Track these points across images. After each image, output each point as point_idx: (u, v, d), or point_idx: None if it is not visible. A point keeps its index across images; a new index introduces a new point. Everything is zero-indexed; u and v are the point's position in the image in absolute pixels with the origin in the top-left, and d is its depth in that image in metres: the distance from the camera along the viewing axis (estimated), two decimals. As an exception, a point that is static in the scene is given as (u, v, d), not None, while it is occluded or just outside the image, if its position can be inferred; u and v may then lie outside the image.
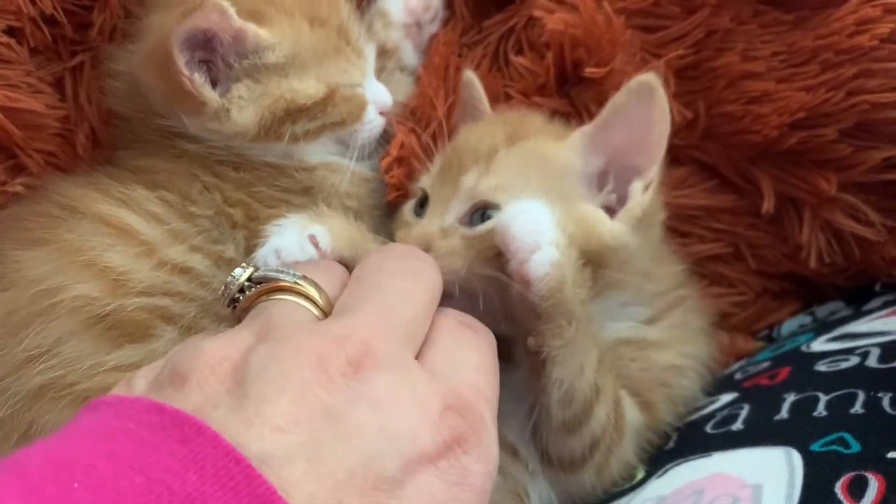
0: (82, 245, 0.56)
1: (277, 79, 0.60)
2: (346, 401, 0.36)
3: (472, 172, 0.57)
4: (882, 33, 0.63)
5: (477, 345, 0.45)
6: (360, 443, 0.35)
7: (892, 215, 0.67)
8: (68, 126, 0.69)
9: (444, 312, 0.46)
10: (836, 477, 0.46)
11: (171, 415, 0.35)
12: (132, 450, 0.33)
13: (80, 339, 0.53)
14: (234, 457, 0.33)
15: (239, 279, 0.46)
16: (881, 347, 0.58)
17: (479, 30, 0.76)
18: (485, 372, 0.43)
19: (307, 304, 0.44)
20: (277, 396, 0.35)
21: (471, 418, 0.39)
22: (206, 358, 0.38)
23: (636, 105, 0.55)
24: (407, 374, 0.39)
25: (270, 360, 0.37)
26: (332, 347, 0.38)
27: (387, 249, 0.49)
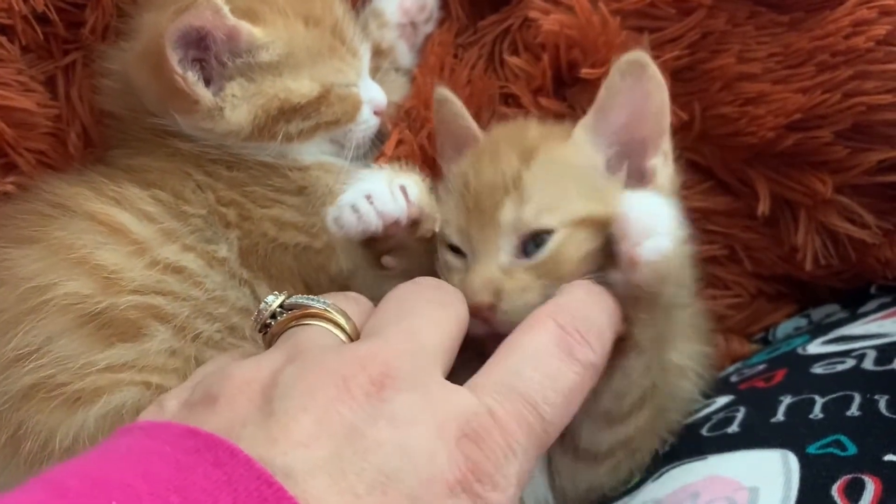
0: (73, 243, 0.55)
1: (271, 78, 0.60)
2: (366, 418, 0.37)
3: (508, 205, 0.54)
4: (878, 35, 0.62)
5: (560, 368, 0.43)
6: (378, 459, 0.36)
7: (888, 217, 0.67)
8: (60, 125, 0.68)
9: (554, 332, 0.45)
10: (832, 479, 0.46)
11: (204, 438, 0.36)
12: (168, 471, 0.34)
13: (71, 337, 0.53)
14: (266, 479, 0.34)
15: (271, 305, 0.48)
16: (877, 350, 0.58)
17: (474, 30, 0.76)
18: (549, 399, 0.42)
19: (335, 330, 0.45)
20: (301, 414, 0.37)
21: (488, 447, 0.39)
22: (236, 379, 0.40)
23: (631, 83, 0.55)
24: (428, 396, 0.40)
25: (296, 380, 0.39)
26: (355, 367, 0.39)
27: (417, 281, 0.49)
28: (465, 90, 0.72)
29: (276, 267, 0.61)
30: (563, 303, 0.47)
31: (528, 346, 0.44)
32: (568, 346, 0.44)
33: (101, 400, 0.52)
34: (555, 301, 0.48)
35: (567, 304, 0.47)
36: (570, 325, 0.45)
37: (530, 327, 0.45)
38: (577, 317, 0.46)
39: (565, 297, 0.48)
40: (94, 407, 0.52)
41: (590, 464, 0.56)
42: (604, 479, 0.57)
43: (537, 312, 0.46)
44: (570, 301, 0.48)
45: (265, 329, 0.48)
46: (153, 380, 0.54)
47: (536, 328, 0.45)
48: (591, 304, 0.48)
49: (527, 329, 0.45)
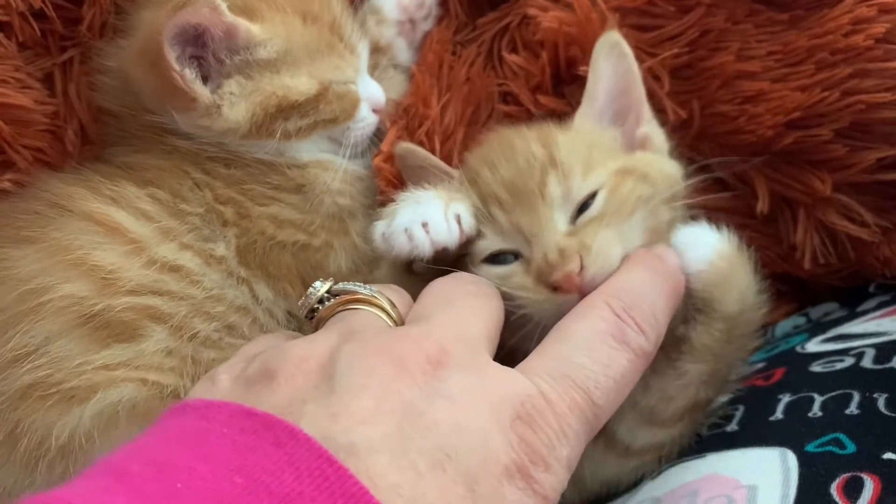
0: (70, 244, 0.55)
1: (269, 75, 0.60)
2: (424, 396, 0.38)
3: (552, 181, 0.54)
4: (877, 33, 0.62)
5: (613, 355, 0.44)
6: (437, 437, 0.37)
7: (887, 216, 0.67)
8: (57, 122, 0.68)
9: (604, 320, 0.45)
10: (831, 478, 0.46)
11: (262, 419, 0.36)
12: (228, 453, 0.35)
13: (68, 338, 0.53)
14: (327, 458, 0.34)
15: (319, 291, 0.48)
16: (876, 348, 0.58)
17: (473, 28, 0.76)
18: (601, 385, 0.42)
19: (382, 315, 0.46)
20: (361, 391, 0.37)
21: (541, 430, 0.39)
22: (293, 356, 0.40)
23: (614, 63, 0.59)
24: (482, 377, 0.40)
25: (354, 358, 0.39)
26: (412, 346, 0.40)
27: (455, 275, 0.50)
28: (463, 88, 0.72)
29: (275, 265, 0.61)
30: (619, 285, 0.47)
31: (582, 332, 0.44)
32: (621, 333, 0.44)
33: (96, 396, 0.52)
34: (611, 283, 0.48)
35: (623, 287, 0.47)
36: (624, 311, 0.45)
37: (584, 312, 0.45)
38: (632, 301, 0.46)
39: (622, 278, 0.48)
40: (90, 403, 0.52)
41: (619, 456, 0.56)
42: (626, 475, 0.57)
43: (592, 296, 0.46)
44: (627, 283, 0.47)
45: (312, 314, 0.48)
46: (150, 377, 0.54)
47: (591, 313, 0.45)
48: (649, 286, 0.48)
49: (581, 314, 0.45)
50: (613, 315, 0.45)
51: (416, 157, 0.64)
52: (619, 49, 0.59)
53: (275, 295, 0.61)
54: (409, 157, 0.65)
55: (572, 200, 0.54)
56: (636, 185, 0.55)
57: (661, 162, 0.59)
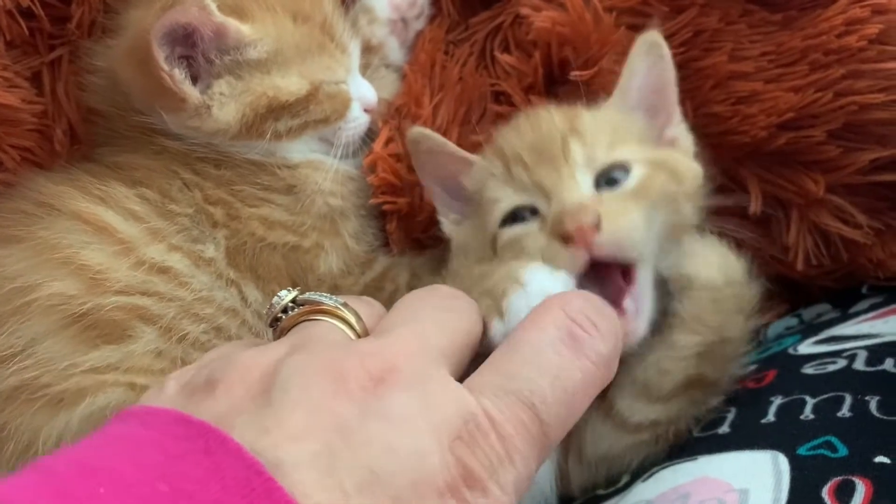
0: (58, 242, 0.55)
1: (259, 75, 0.60)
2: (359, 414, 0.37)
3: (575, 146, 0.55)
4: (870, 34, 0.62)
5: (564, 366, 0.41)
6: (369, 457, 0.35)
7: (880, 217, 0.67)
8: (46, 121, 0.68)
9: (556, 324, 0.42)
10: (823, 481, 0.45)
11: (196, 426, 0.36)
12: (157, 458, 0.34)
13: (56, 339, 0.53)
14: (255, 469, 0.33)
15: (284, 300, 0.47)
16: (868, 350, 0.57)
17: (465, 27, 0.75)
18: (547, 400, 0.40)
19: (345, 328, 0.44)
20: (295, 407, 0.36)
21: (482, 452, 0.37)
22: (237, 366, 0.40)
23: (651, 62, 0.60)
24: (426, 395, 0.38)
25: (295, 372, 0.38)
26: (355, 362, 0.38)
27: (431, 287, 0.48)
28: (456, 87, 0.72)
29: (264, 267, 0.61)
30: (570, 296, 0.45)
31: (531, 342, 0.41)
32: (575, 340, 0.41)
33: (84, 401, 0.52)
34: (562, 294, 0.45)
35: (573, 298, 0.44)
36: (580, 314, 0.42)
37: (536, 320, 0.42)
38: (589, 303, 0.43)
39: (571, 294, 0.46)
40: (78, 408, 0.52)
41: (617, 429, 0.56)
42: (624, 453, 0.57)
43: (547, 301, 0.44)
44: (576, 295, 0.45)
45: (275, 323, 0.47)
46: (138, 381, 0.54)
47: (543, 320, 0.42)
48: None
49: (533, 322, 0.42)
50: (567, 319, 0.42)
51: (431, 142, 0.63)
52: (658, 49, 0.60)
53: (264, 297, 0.60)
54: (423, 141, 0.63)
55: (595, 166, 0.54)
56: (668, 179, 0.55)
57: (686, 162, 0.60)
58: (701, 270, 0.54)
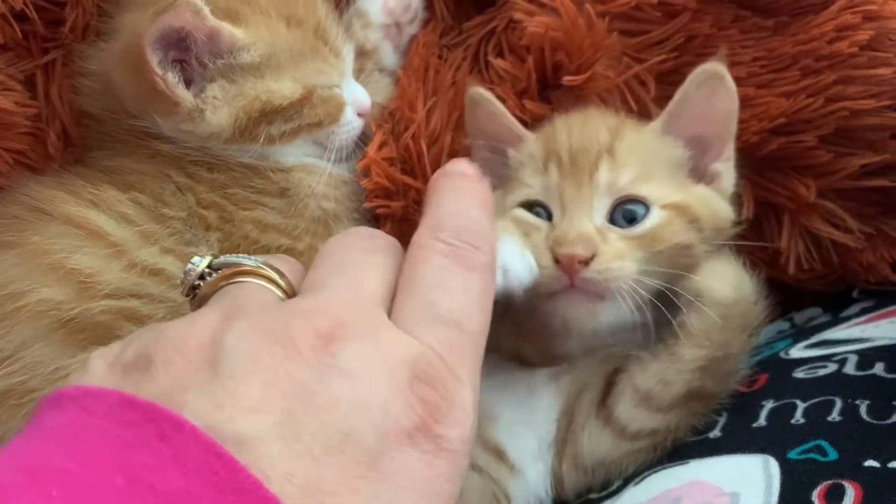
0: (49, 248, 0.55)
1: (253, 79, 0.60)
2: (317, 375, 0.35)
3: (603, 168, 0.57)
4: (861, 40, 0.62)
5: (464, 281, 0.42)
6: (333, 417, 0.34)
7: (871, 222, 0.67)
8: (39, 125, 0.68)
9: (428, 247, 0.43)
10: (813, 485, 0.45)
11: (144, 409, 0.33)
12: (109, 450, 0.32)
13: (44, 343, 0.52)
14: (215, 451, 0.32)
15: (199, 266, 0.44)
16: (858, 354, 0.58)
17: (459, 31, 0.76)
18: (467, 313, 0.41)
19: (271, 287, 0.43)
20: (248, 376, 0.35)
21: (440, 384, 0.37)
22: (171, 339, 0.37)
23: (706, 93, 0.59)
24: (377, 343, 0.38)
25: (238, 339, 0.36)
26: (300, 323, 0.37)
27: (350, 231, 0.47)
28: (449, 91, 0.72)
29: (257, 270, 0.61)
30: (436, 219, 0.44)
31: (428, 272, 0.42)
32: (462, 259, 0.42)
33: None
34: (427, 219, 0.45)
35: (440, 218, 0.44)
36: (455, 239, 0.43)
37: (421, 254, 0.43)
38: (457, 227, 0.44)
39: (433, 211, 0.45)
40: None
41: (616, 436, 0.57)
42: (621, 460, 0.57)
43: (418, 237, 0.44)
44: (441, 212, 0.45)
45: (193, 292, 0.45)
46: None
47: (427, 253, 0.43)
48: (457, 205, 0.45)
49: (419, 257, 0.43)
50: (447, 247, 0.42)
51: (491, 107, 0.63)
52: (720, 82, 0.59)
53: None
54: (482, 104, 0.63)
55: (615, 194, 0.56)
56: (684, 229, 0.56)
57: (718, 203, 0.60)
58: (714, 286, 0.55)
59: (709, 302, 0.55)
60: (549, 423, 0.58)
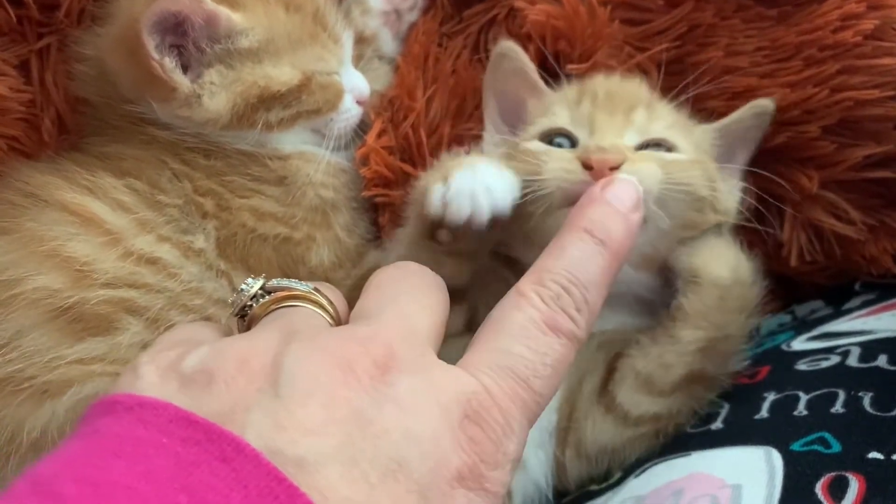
0: (45, 234, 0.54)
1: (251, 65, 0.59)
2: (373, 403, 0.36)
3: (641, 111, 0.58)
4: (866, 30, 0.62)
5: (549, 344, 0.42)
6: (388, 446, 0.35)
7: (873, 213, 0.67)
8: (34, 111, 0.66)
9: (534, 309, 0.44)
10: (816, 477, 0.45)
11: (205, 428, 0.34)
12: (169, 468, 0.32)
13: (41, 331, 0.52)
14: (276, 476, 0.32)
15: (252, 288, 0.45)
16: (861, 346, 0.57)
17: (459, 19, 0.75)
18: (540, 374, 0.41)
19: (322, 313, 0.44)
20: (308, 399, 0.35)
21: (489, 427, 0.38)
22: (232, 356, 0.38)
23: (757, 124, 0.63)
24: (430, 378, 0.39)
25: (299, 361, 0.37)
26: (358, 349, 0.38)
27: (399, 265, 0.48)
28: (449, 80, 0.71)
29: (255, 258, 0.60)
30: (550, 266, 0.45)
31: (516, 322, 0.42)
32: (553, 322, 0.43)
33: (70, 390, 0.51)
34: (540, 267, 0.45)
35: (553, 271, 0.45)
36: (552, 301, 0.44)
37: (516, 302, 0.44)
38: (562, 289, 0.44)
39: (554, 255, 0.46)
40: (64, 397, 0.51)
41: (618, 423, 0.57)
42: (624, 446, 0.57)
43: (523, 283, 0.44)
44: (558, 263, 0.45)
45: (244, 311, 0.46)
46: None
47: (522, 303, 0.43)
48: (582, 263, 0.45)
49: (513, 304, 0.44)
50: (544, 305, 0.43)
51: (518, 63, 0.65)
52: (765, 120, 0.63)
53: (255, 288, 0.60)
54: (510, 57, 0.65)
55: (646, 135, 0.58)
56: (703, 177, 0.57)
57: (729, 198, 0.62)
58: (711, 266, 0.56)
59: (706, 282, 0.55)
60: (549, 412, 0.58)
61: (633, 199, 0.50)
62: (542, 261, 0.46)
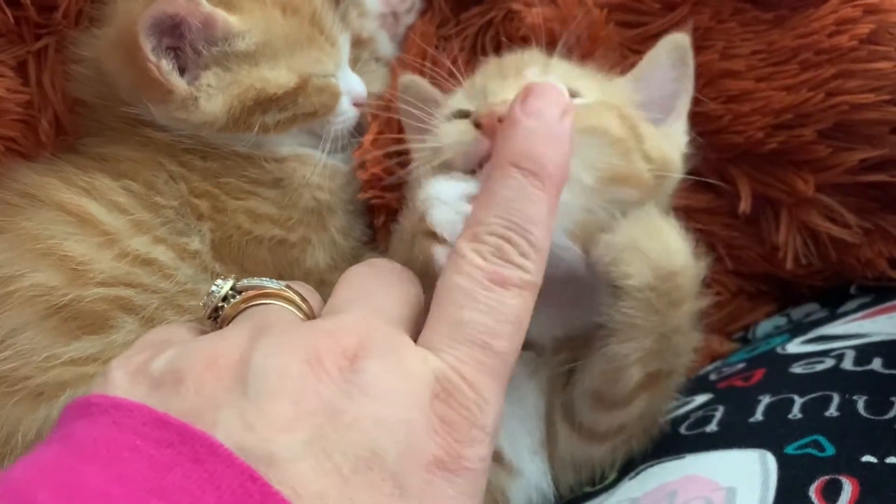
0: (41, 233, 0.54)
1: (248, 67, 0.59)
2: (343, 394, 0.36)
3: (533, 69, 0.56)
4: (861, 34, 0.62)
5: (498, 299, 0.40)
6: (358, 435, 0.35)
7: (869, 217, 0.67)
8: (31, 112, 0.66)
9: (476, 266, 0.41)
10: (810, 480, 0.45)
11: (178, 429, 0.34)
12: (143, 470, 0.32)
13: (36, 330, 0.52)
14: (249, 475, 0.32)
15: (223, 288, 0.45)
16: (856, 350, 0.57)
17: (456, 22, 0.75)
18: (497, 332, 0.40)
19: (293, 309, 0.44)
20: (277, 395, 0.35)
21: (460, 404, 0.38)
22: (200, 356, 0.37)
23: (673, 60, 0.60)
24: (399, 363, 0.38)
25: (266, 357, 0.37)
26: (326, 341, 0.38)
27: (370, 262, 0.47)
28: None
29: (250, 260, 0.60)
30: (482, 222, 0.42)
31: (459, 288, 0.40)
32: (498, 276, 0.40)
33: (65, 393, 0.51)
34: (473, 220, 0.42)
35: (486, 224, 0.42)
36: (494, 255, 0.41)
37: (456, 264, 0.41)
38: (500, 238, 0.41)
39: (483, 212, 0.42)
40: (59, 401, 0.51)
41: (586, 440, 0.56)
42: (601, 458, 0.56)
43: (458, 244, 0.42)
44: (489, 217, 0.42)
45: (216, 313, 0.45)
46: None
47: (460, 265, 0.41)
48: (516, 208, 0.42)
49: (453, 267, 0.41)
50: (483, 260, 0.41)
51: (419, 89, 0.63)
52: (684, 53, 0.60)
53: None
54: (414, 86, 0.63)
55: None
56: (619, 123, 0.52)
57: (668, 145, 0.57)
58: (630, 274, 0.49)
59: (627, 293, 0.49)
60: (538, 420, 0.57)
61: (557, 102, 0.45)
62: (474, 212, 0.43)
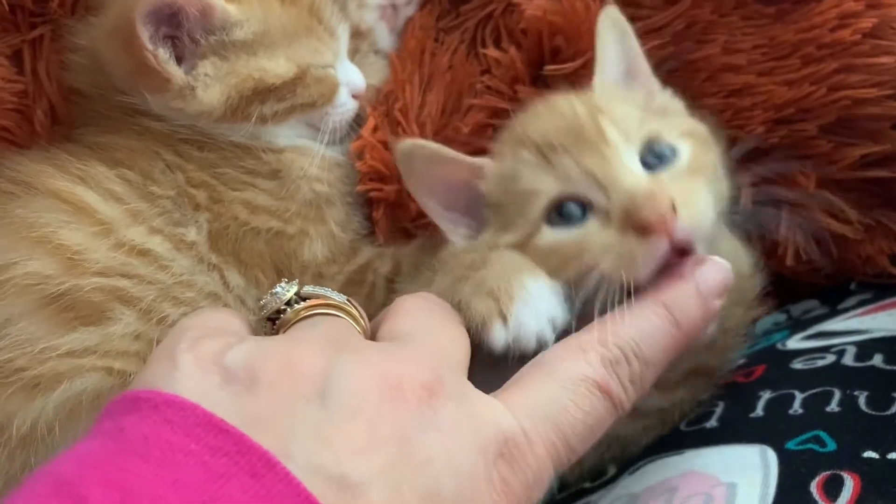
0: (36, 221, 0.53)
1: (246, 57, 0.59)
2: (418, 427, 0.36)
3: (607, 125, 0.50)
4: (864, 28, 0.62)
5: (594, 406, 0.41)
6: (430, 472, 0.35)
7: (870, 213, 0.67)
8: (26, 101, 0.66)
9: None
10: (811, 476, 0.45)
11: (235, 439, 0.33)
12: (199, 477, 0.31)
13: (32, 320, 0.51)
14: (306, 497, 0.31)
15: (288, 292, 0.44)
16: (857, 346, 0.57)
17: (456, 14, 0.74)
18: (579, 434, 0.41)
19: (355, 325, 0.43)
20: (355, 415, 0.35)
21: (520, 470, 0.38)
22: (276, 358, 0.37)
23: (617, 34, 0.59)
24: (471, 409, 0.38)
25: (347, 374, 0.36)
26: (409, 369, 0.37)
27: (424, 296, 0.47)
28: (445, 75, 0.71)
29: (247, 252, 0.60)
30: (621, 331, 0.44)
31: (569, 372, 0.42)
32: (606, 385, 0.42)
33: (60, 386, 0.51)
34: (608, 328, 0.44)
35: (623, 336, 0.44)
36: (612, 366, 0.43)
37: (576, 353, 0.43)
38: (624, 356, 0.43)
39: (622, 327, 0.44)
40: (54, 393, 0.50)
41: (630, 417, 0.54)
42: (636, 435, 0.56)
43: (587, 338, 0.43)
44: (628, 331, 0.44)
45: (276, 315, 0.44)
46: (115, 365, 0.52)
47: (581, 356, 0.42)
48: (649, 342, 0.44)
49: (572, 354, 0.43)
50: (602, 368, 0.42)
51: (429, 151, 0.55)
52: (621, 24, 0.58)
53: (246, 282, 0.59)
54: (417, 152, 0.55)
55: (635, 144, 0.50)
56: (707, 149, 0.52)
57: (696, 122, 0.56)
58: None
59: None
60: None
61: (721, 285, 0.47)
62: (612, 321, 0.44)
